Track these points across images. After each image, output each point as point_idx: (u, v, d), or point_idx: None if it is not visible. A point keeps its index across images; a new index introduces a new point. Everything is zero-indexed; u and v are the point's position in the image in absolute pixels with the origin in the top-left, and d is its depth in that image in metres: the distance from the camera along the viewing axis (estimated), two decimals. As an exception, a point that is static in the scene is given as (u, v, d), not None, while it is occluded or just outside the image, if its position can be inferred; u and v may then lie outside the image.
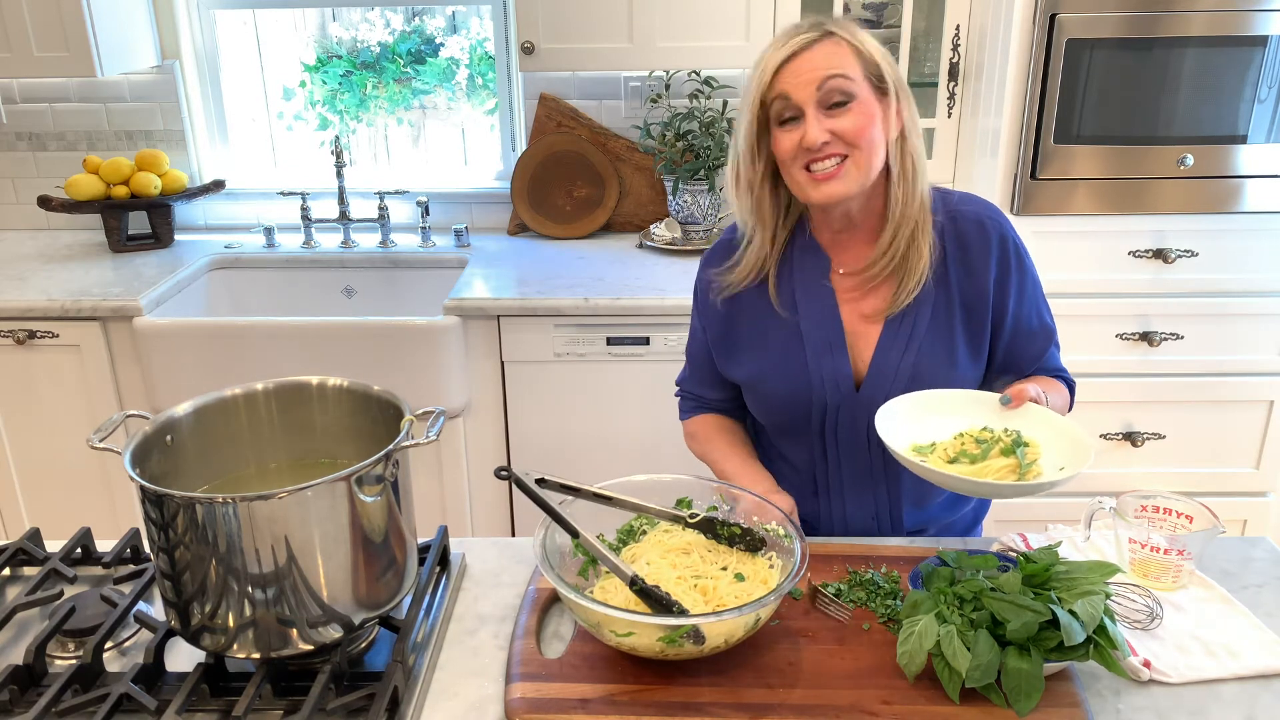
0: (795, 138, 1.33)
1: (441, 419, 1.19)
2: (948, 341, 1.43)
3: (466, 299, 2.37)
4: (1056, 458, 1.28)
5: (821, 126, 1.31)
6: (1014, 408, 1.34)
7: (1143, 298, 2.31)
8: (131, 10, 2.68)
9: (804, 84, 1.31)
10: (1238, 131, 2.19)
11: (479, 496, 2.54)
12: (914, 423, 1.34)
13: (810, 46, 1.32)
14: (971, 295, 1.43)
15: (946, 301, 1.43)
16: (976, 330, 1.44)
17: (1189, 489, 2.41)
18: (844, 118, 1.32)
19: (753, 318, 1.49)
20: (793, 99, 1.32)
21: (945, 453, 1.29)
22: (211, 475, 1.23)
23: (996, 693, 1.07)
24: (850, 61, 1.32)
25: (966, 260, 1.42)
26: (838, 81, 1.31)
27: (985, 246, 1.42)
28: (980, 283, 1.42)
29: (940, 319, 1.43)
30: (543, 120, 2.81)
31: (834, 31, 1.33)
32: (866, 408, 1.42)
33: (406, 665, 1.12)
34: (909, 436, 1.32)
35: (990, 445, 1.28)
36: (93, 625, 1.20)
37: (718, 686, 1.11)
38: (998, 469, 1.25)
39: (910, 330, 1.43)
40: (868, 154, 1.34)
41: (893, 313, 1.43)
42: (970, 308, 1.43)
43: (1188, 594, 1.27)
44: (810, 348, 1.44)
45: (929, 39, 2.53)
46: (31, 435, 2.50)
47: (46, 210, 2.80)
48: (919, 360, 1.42)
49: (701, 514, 1.26)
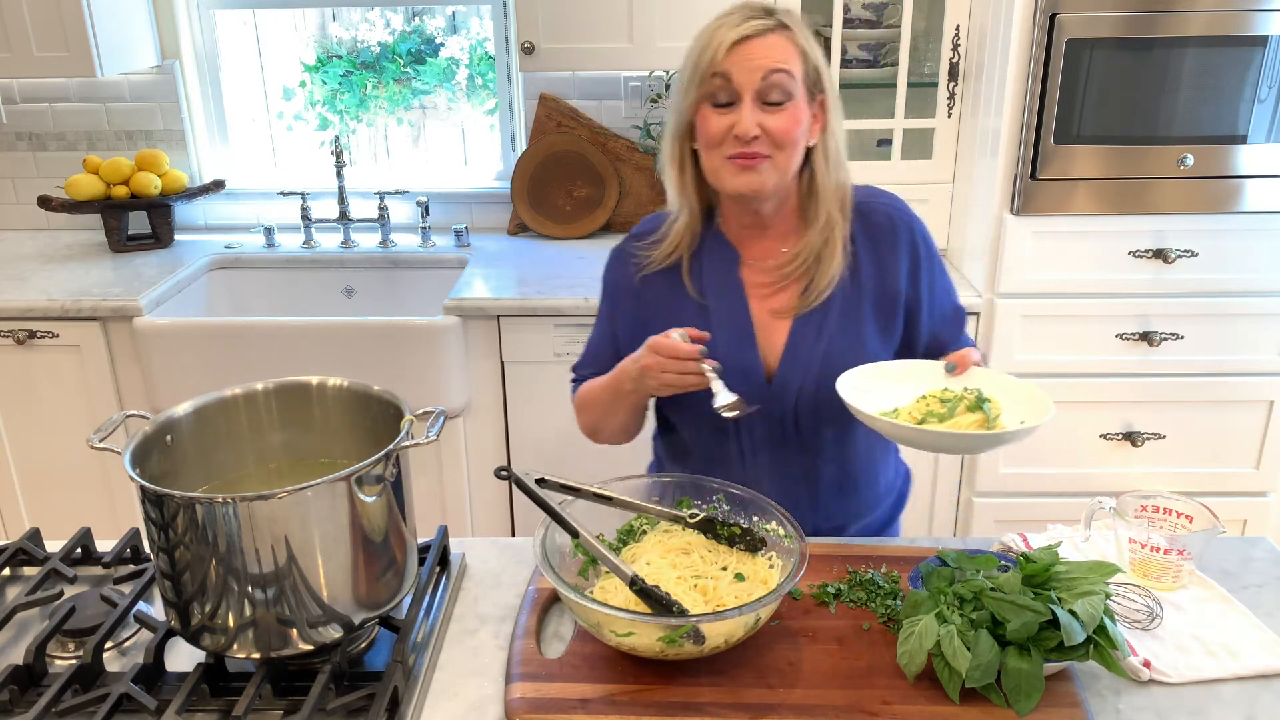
0: (726, 122, 1.33)
1: (441, 419, 1.19)
2: (857, 333, 1.44)
3: (466, 299, 2.37)
4: (1018, 412, 1.30)
5: (755, 119, 1.31)
6: (960, 373, 1.37)
7: (1143, 298, 2.31)
8: (131, 10, 2.68)
9: (750, 70, 1.31)
10: (1238, 131, 2.19)
11: (479, 496, 2.54)
12: (868, 393, 1.34)
13: (764, 34, 1.32)
14: (883, 288, 1.45)
15: (857, 294, 1.44)
16: (886, 323, 1.46)
17: (1189, 489, 2.41)
18: (777, 116, 1.32)
19: (665, 306, 1.48)
20: (734, 82, 1.31)
21: (911, 415, 1.30)
22: (211, 475, 1.23)
23: (996, 693, 1.07)
24: (795, 60, 1.33)
25: (877, 254, 1.44)
26: (781, 77, 1.31)
27: (895, 240, 1.44)
28: (891, 275, 1.44)
29: (850, 312, 1.44)
30: (543, 120, 2.81)
31: (787, 25, 1.34)
32: (779, 399, 1.43)
33: (406, 665, 1.12)
34: (870, 405, 1.32)
35: (955, 403, 1.29)
36: (93, 625, 1.20)
37: (718, 686, 1.11)
38: (968, 424, 1.26)
39: (820, 324, 1.43)
40: (789, 156, 1.35)
41: (801, 312, 1.43)
42: (881, 300, 1.45)
43: (1188, 594, 1.27)
44: (721, 342, 1.43)
45: (929, 39, 2.53)
46: (31, 435, 2.50)
47: (46, 210, 2.80)
48: (830, 352, 1.43)
49: (701, 514, 1.26)
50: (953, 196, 2.56)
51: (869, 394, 1.33)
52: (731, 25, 1.32)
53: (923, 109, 2.50)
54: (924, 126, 2.51)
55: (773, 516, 1.25)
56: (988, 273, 2.33)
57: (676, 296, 1.47)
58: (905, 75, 2.46)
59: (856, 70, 2.52)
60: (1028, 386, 1.33)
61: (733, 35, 1.31)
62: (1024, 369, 2.36)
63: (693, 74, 1.34)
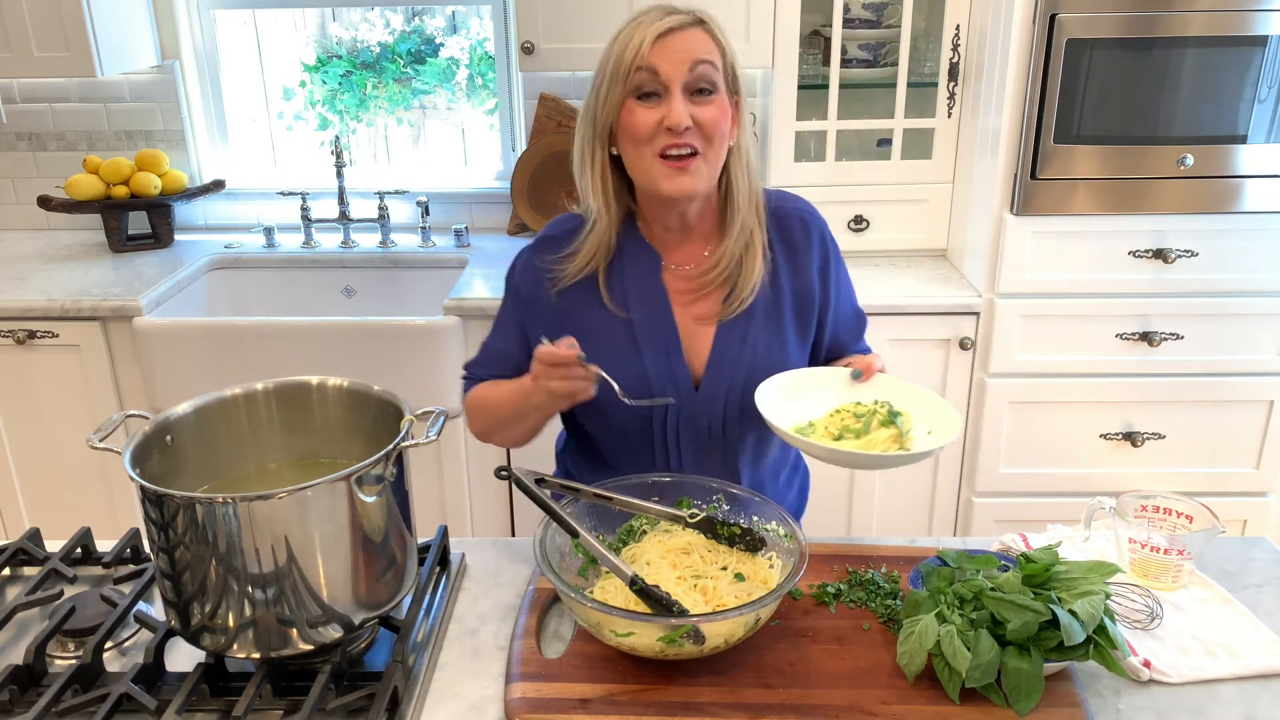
0: (655, 116, 1.31)
1: (442, 419, 1.19)
2: (779, 337, 1.46)
3: (466, 299, 2.37)
4: (925, 422, 1.32)
5: (685, 110, 1.31)
6: (866, 379, 1.39)
7: (1143, 298, 2.31)
8: (131, 10, 2.67)
9: (677, 62, 1.31)
10: (1238, 131, 2.19)
11: (479, 496, 2.54)
12: (784, 404, 1.35)
13: (685, 28, 1.33)
14: (799, 290, 1.46)
15: (776, 298, 1.45)
16: (804, 324, 1.48)
17: (1189, 489, 2.41)
18: (706, 107, 1.32)
19: (586, 316, 1.45)
20: (661, 74, 1.31)
21: (828, 430, 1.31)
22: (211, 475, 1.23)
23: (996, 693, 1.07)
24: (716, 54, 1.34)
25: (793, 258, 1.46)
26: (707, 69, 1.32)
27: (808, 244, 1.46)
28: (806, 278, 1.46)
29: (771, 316, 1.45)
30: (543, 120, 2.81)
31: (706, 23, 1.35)
32: (705, 406, 1.44)
33: (406, 665, 1.12)
34: (784, 419, 1.33)
35: (869, 418, 1.30)
36: (93, 625, 1.20)
37: (718, 686, 1.11)
38: (883, 441, 1.27)
39: (744, 330, 1.44)
40: (718, 150, 1.35)
41: (725, 319, 1.44)
42: (799, 302, 1.47)
43: (1188, 594, 1.27)
44: (646, 350, 1.43)
45: (929, 39, 2.53)
46: (31, 435, 2.50)
47: (46, 210, 2.80)
48: (755, 357, 1.44)
49: (701, 514, 1.26)
50: (953, 196, 2.56)
51: (785, 406, 1.35)
52: (651, 22, 1.32)
53: (923, 109, 2.50)
54: (924, 126, 2.51)
55: (773, 516, 1.25)
56: (988, 273, 2.33)
57: (596, 308, 1.44)
58: (905, 75, 2.46)
59: (856, 70, 2.52)
60: (930, 395, 1.36)
61: (656, 29, 1.31)
62: (1024, 369, 2.36)
63: (615, 71, 1.32)
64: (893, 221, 2.58)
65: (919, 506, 2.54)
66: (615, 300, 1.44)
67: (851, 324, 1.55)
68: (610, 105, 1.34)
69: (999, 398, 2.38)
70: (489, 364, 1.54)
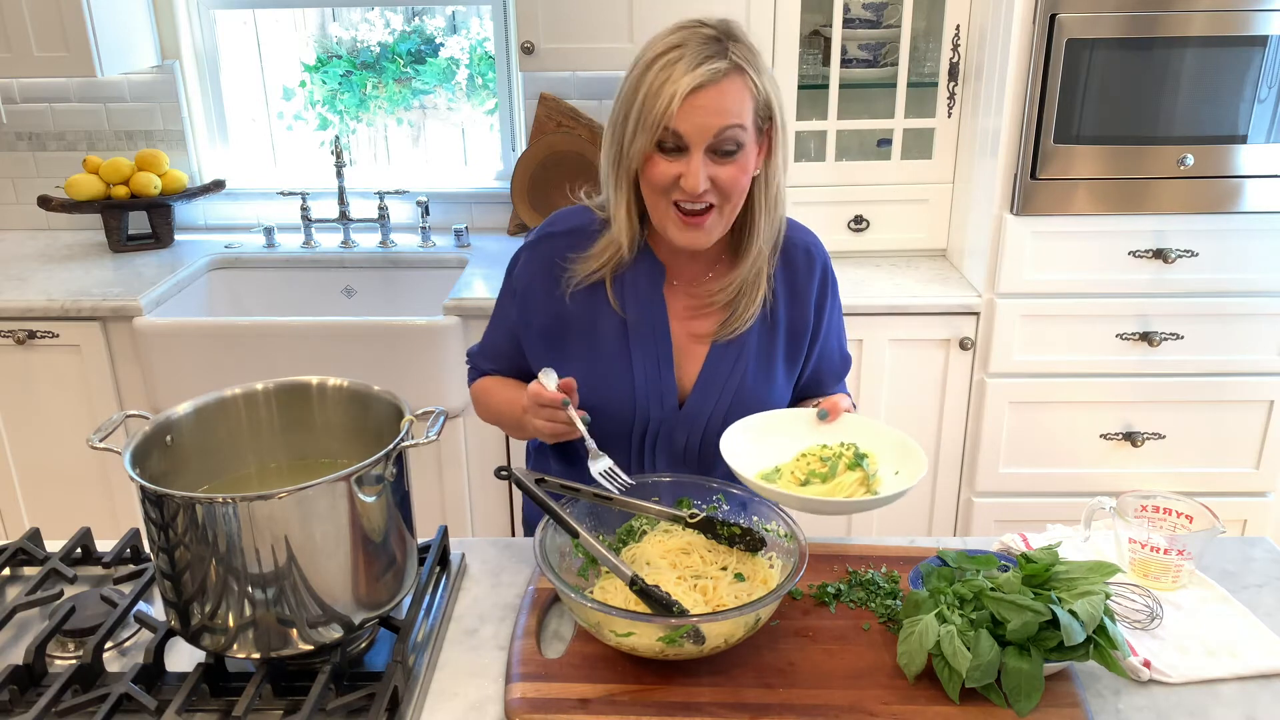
0: (673, 172, 1.29)
1: (442, 419, 1.19)
2: (770, 364, 1.45)
3: (466, 299, 2.37)
4: (891, 462, 1.31)
5: (704, 173, 1.28)
6: (831, 420, 1.37)
7: (1143, 298, 2.31)
8: (131, 10, 2.67)
9: (701, 127, 1.27)
10: (1238, 131, 2.19)
11: (479, 496, 2.54)
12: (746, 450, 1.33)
13: (719, 81, 1.26)
14: (795, 320, 1.46)
15: (771, 325, 1.45)
16: (794, 353, 1.47)
17: (1189, 489, 2.41)
18: (726, 167, 1.29)
19: (585, 316, 1.44)
20: (684, 136, 1.27)
21: (794, 475, 1.29)
22: (211, 475, 1.23)
23: (996, 693, 1.07)
24: (748, 105, 1.29)
25: (794, 286, 1.45)
26: (732, 133, 1.28)
27: (810, 273, 1.46)
28: (803, 308, 1.46)
29: (764, 342, 1.45)
30: (543, 120, 2.81)
31: (741, 65, 1.28)
32: (688, 424, 1.44)
33: (406, 665, 1.12)
34: (751, 464, 1.31)
35: (835, 462, 1.29)
36: (93, 625, 1.20)
37: (718, 686, 1.11)
38: (849, 485, 1.26)
39: (738, 352, 1.44)
40: (735, 204, 1.34)
41: (720, 339, 1.43)
42: (793, 332, 1.46)
43: (1188, 594, 1.27)
44: (638, 363, 1.43)
45: (929, 39, 2.53)
46: (31, 435, 2.50)
47: (46, 210, 2.80)
48: (743, 383, 1.44)
49: (701, 514, 1.26)
50: (953, 196, 2.56)
51: (750, 449, 1.33)
52: (686, 68, 1.25)
53: (923, 109, 2.50)
54: (924, 126, 2.51)
55: (773, 516, 1.25)
56: (988, 273, 2.33)
57: (598, 307, 1.44)
58: (905, 75, 2.46)
59: (856, 70, 2.52)
60: (896, 435, 1.34)
61: (687, 84, 1.25)
62: (1024, 369, 2.36)
63: (641, 119, 1.28)
64: (893, 221, 2.58)
65: (919, 506, 2.54)
66: (619, 300, 1.44)
67: (835, 363, 1.54)
68: (636, 151, 1.31)
69: (999, 398, 2.38)
70: (489, 358, 1.56)
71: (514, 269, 1.50)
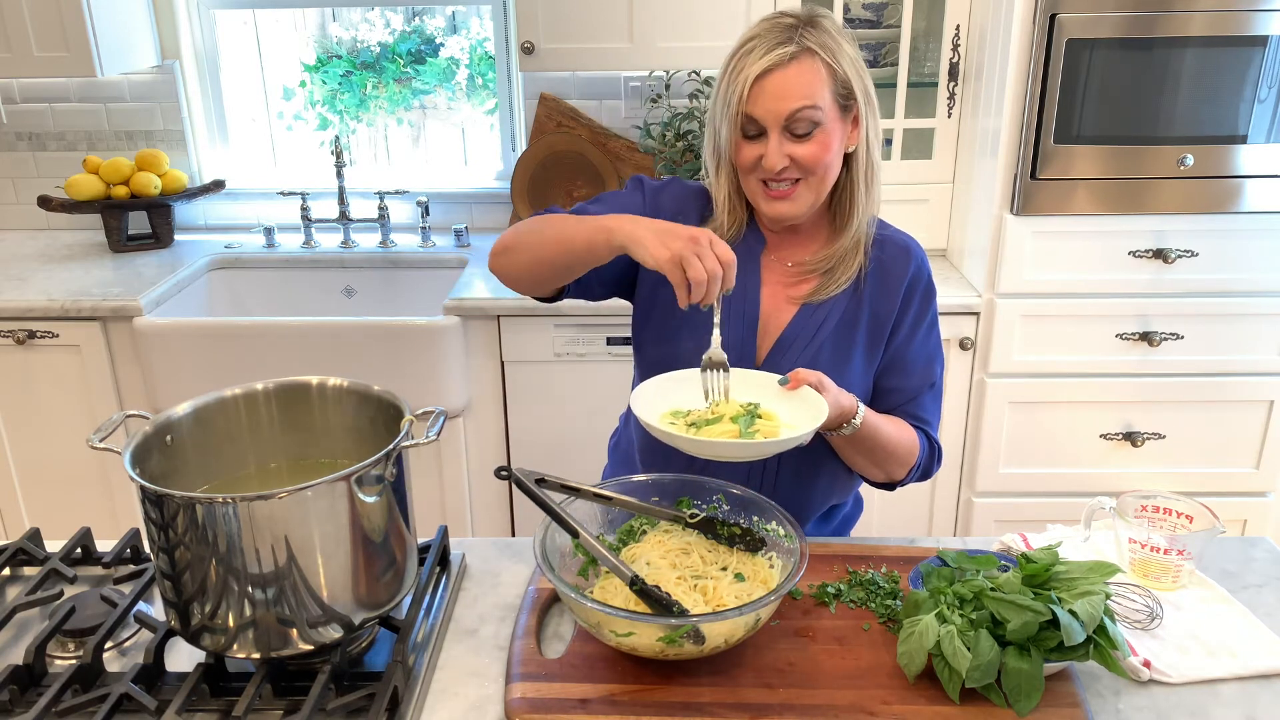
0: (755, 154, 1.35)
1: (442, 419, 1.19)
2: (847, 349, 1.45)
3: (466, 299, 2.37)
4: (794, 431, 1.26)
5: (782, 152, 1.32)
6: (792, 389, 1.33)
7: (1143, 298, 2.31)
8: (131, 10, 2.67)
9: (773, 112, 1.31)
10: (1238, 131, 2.19)
11: (479, 496, 2.54)
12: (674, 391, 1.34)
13: (786, 64, 1.30)
14: (880, 313, 1.46)
15: (856, 312, 1.45)
16: (875, 337, 1.47)
17: (1189, 489, 2.40)
18: (805, 145, 1.33)
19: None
20: (758, 120, 1.33)
21: (686, 420, 1.29)
22: (211, 475, 1.23)
23: (996, 693, 1.07)
24: (821, 85, 1.31)
25: (885, 280, 1.46)
26: (806, 113, 1.31)
27: (904, 271, 1.46)
28: (890, 303, 1.46)
29: (846, 325, 1.45)
30: (543, 120, 2.81)
31: (812, 48, 1.31)
32: None
33: (406, 665, 1.12)
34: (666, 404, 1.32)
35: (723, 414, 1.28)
36: (93, 625, 1.20)
37: (718, 686, 1.11)
38: (718, 432, 1.25)
39: (820, 323, 1.44)
40: (821, 178, 1.36)
41: (811, 301, 1.44)
42: (875, 325, 1.46)
43: (1188, 594, 1.27)
44: (725, 319, 1.42)
45: (929, 39, 2.53)
46: (31, 435, 2.50)
47: (46, 210, 2.80)
48: (818, 360, 1.43)
49: (701, 514, 1.26)
50: (953, 196, 2.56)
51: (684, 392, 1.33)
52: (756, 56, 1.30)
53: (923, 109, 2.50)
54: (924, 126, 2.51)
55: (773, 516, 1.25)
56: (987, 273, 2.33)
57: None
58: (905, 75, 2.46)
59: (856, 70, 2.52)
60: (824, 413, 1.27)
61: (755, 69, 1.30)
62: (1024, 369, 2.36)
63: (723, 107, 1.35)
64: (893, 221, 2.56)
65: (919, 506, 2.54)
66: None
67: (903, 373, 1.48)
68: (725, 139, 1.37)
69: (999, 398, 2.38)
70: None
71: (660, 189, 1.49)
